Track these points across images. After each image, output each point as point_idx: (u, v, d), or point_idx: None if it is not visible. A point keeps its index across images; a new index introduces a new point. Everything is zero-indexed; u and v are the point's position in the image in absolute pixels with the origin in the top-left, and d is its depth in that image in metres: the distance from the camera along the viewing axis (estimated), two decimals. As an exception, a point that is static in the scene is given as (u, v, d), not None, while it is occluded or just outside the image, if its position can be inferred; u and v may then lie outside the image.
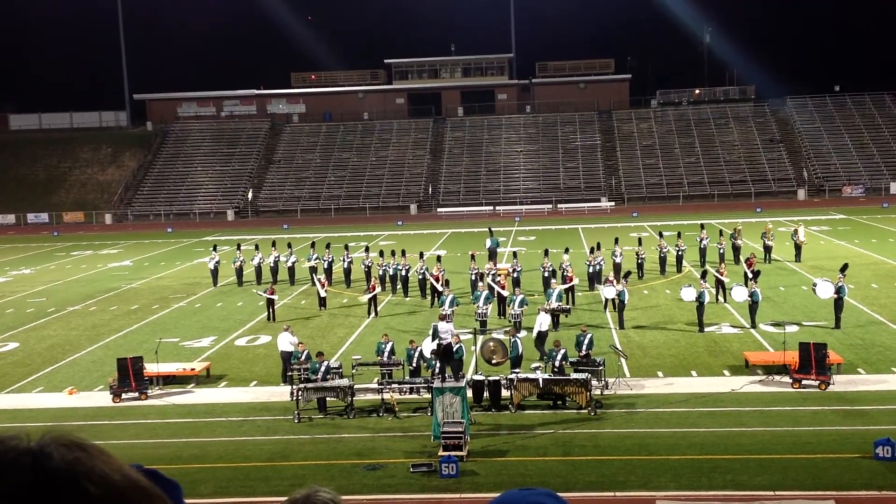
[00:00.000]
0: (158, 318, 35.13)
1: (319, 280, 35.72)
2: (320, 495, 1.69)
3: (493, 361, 22.94)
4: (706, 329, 29.02)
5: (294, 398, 21.74)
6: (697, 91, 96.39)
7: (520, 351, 23.82)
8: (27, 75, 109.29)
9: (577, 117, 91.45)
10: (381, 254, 38.96)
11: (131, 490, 1.37)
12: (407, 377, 22.81)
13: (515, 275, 35.40)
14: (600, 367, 22.72)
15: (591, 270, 36.57)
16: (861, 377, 23.39)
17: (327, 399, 21.98)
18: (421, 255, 38.33)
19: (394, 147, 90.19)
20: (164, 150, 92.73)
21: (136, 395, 23.81)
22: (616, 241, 40.09)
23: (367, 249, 39.18)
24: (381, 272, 37.19)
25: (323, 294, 35.12)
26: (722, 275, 33.59)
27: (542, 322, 26.34)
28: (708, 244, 40.70)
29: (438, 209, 79.58)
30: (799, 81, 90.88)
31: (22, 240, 69.77)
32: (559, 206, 77.98)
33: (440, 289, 32.61)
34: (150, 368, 24.73)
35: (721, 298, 33.20)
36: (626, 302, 30.31)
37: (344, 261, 39.55)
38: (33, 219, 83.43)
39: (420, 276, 36.54)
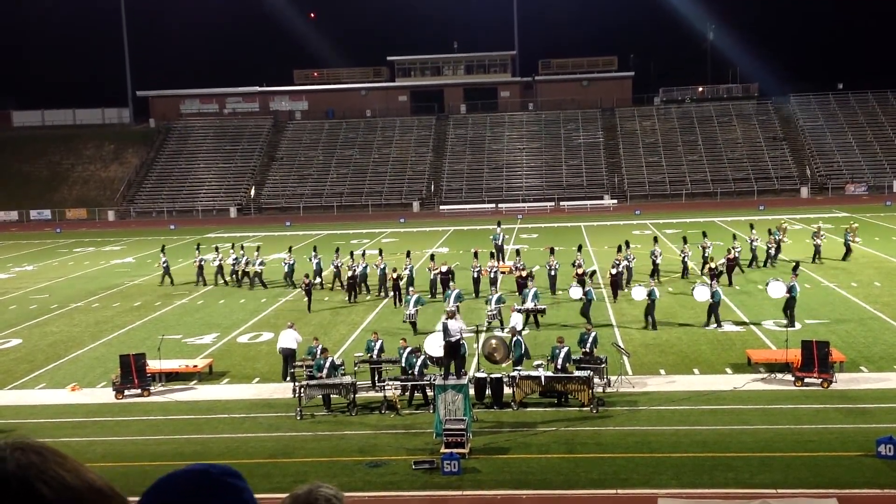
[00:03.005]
0: (161, 315, 35.16)
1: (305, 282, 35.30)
2: (322, 491, 1.70)
3: (496, 359, 22.93)
4: (709, 326, 29.02)
5: (297, 395, 21.77)
6: (700, 89, 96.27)
7: (523, 348, 23.81)
8: (30, 72, 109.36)
9: (580, 115, 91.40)
10: (368, 253, 38.74)
11: (87, 492, 1.38)
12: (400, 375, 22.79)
13: (517, 272, 35.40)
14: (603, 365, 22.72)
15: (615, 271, 35.87)
16: (863, 375, 23.38)
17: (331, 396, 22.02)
18: (408, 253, 38.09)
19: (396, 144, 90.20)
20: (167, 147, 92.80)
21: (139, 391, 23.84)
22: (655, 240, 39.43)
23: (351, 255, 38.45)
24: (379, 272, 36.75)
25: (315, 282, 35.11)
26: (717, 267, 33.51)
27: (515, 321, 26.40)
28: (758, 244, 40.08)
29: (441, 207, 79.57)
30: (802, 79, 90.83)
31: (25, 236, 69.87)
32: (562, 203, 77.95)
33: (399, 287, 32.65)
34: (153, 365, 24.77)
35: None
36: (593, 301, 30.27)
37: (333, 263, 38.94)
38: (36, 215, 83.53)
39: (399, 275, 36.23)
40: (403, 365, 22.72)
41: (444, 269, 35.77)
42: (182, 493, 1.52)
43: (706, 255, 37.95)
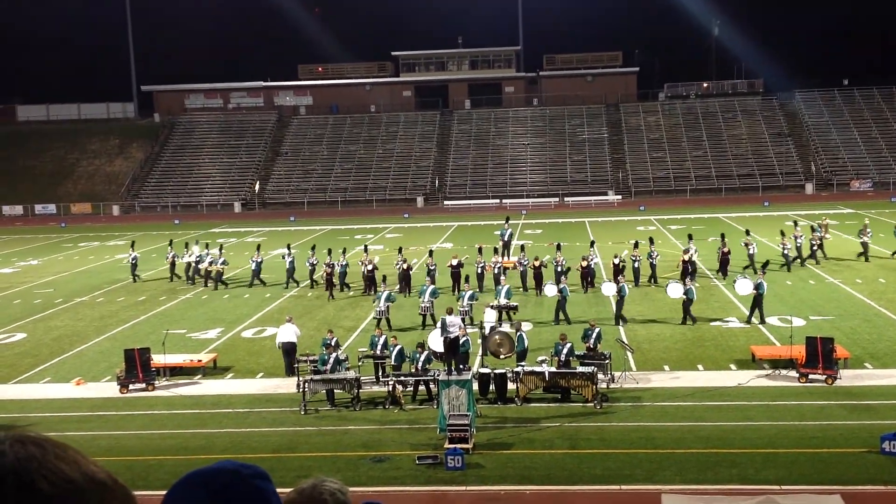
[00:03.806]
0: (166, 310, 35.21)
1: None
2: (327, 485, 1.70)
3: (501, 356, 22.95)
4: (713, 323, 29.04)
5: (301, 390, 21.79)
6: (705, 84, 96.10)
7: (525, 344, 23.82)
8: (35, 67, 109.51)
9: (585, 110, 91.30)
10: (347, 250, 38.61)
11: (88, 484, 1.36)
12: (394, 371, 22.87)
13: (521, 268, 35.45)
14: (606, 361, 22.71)
15: (616, 260, 35.89)
16: (868, 372, 23.34)
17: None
18: (400, 250, 38.12)
19: (400, 140, 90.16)
20: (172, 141, 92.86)
21: (144, 386, 23.87)
22: (690, 237, 38.28)
23: (344, 252, 38.36)
24: (363, 270, 36.55)
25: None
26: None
27: (489, 318, 26.53)
28: (803, 241, 39.41)
29: (445, 202, 79.56)
30: (808, 75, 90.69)
31: (30, 231, 69.96)
32: (566, 199, 77.88)
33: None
34: (158, 359, 24.80)
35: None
36: (567, 298, 30.29)
37: (308, 262, 38.30)
38: (41, 210, 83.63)
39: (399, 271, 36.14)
40: (394, 363, 22.80)
41: (454, 262, 35.91)
42: (210, 492, 1.52)
43: (751, 252, 37.51)
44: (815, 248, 39.72)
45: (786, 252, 38.28)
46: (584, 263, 35.05)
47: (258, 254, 39.74)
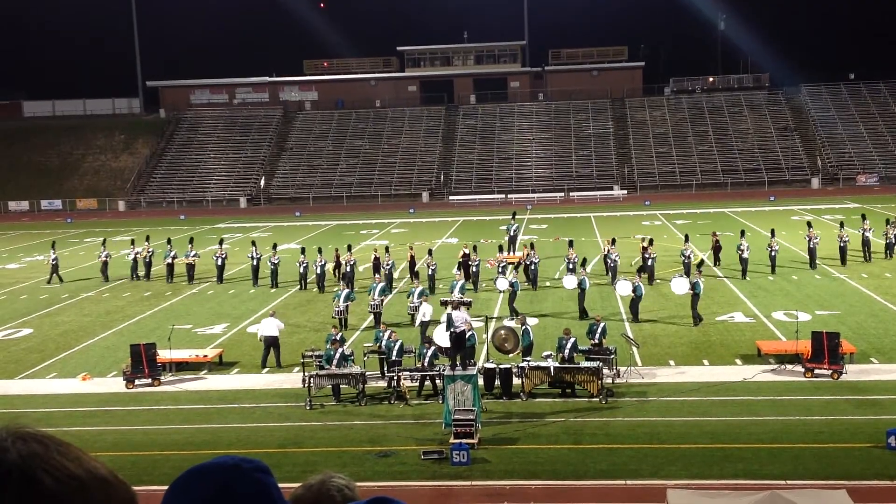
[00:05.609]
0: (171, 305, 35.27)
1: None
2: (335, 481, 1.71)
3: (506, 349, 22.95)
4: (718, 318, 29.00)
5: (306, 385, 21.83)
6: (711, 79, 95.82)
7: (531, 339, 23.82)
8: (40, 62, 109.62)
9: (590, 105, 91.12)
10: (346, 249, 38.56)
11: (90, 480, 1.37)
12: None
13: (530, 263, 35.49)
14: (612, 356, 22.70)
15: (649, 263, 35.66)
16: (874, 367, 23.32)
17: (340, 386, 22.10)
18: (387, 248, 38.14)
19: (406, 135, 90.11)
20: (177, 137, 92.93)
21: (149, 381, 23.93)
22: (742, 233, 37.65)
23: (320, 251, 38.34)
24: (348, 267, 36.45)
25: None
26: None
27: (426, 312, 26.64)
28: (872, 235, 38.75)
29: (450, 197, 79.53)
30: (813, 69, 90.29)
31: (35, 226, 70.09)
32: (571, 194, 77.79)
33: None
34: (163, 355, 24.85)
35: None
36: (518, 293, 30.31)
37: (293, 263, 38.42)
38: (47, 205, 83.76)
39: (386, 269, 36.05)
40: (394, 358, 22.82)
41: (465, 250, 36.06)
42: (212, 486, 1.52)
43: (812, 245, 36.94)
44: (889, 241, 39.05)
45: (842, 245, 37.41)
46: (573, 255, 35.43)
47: (220, 249, 39.70)
